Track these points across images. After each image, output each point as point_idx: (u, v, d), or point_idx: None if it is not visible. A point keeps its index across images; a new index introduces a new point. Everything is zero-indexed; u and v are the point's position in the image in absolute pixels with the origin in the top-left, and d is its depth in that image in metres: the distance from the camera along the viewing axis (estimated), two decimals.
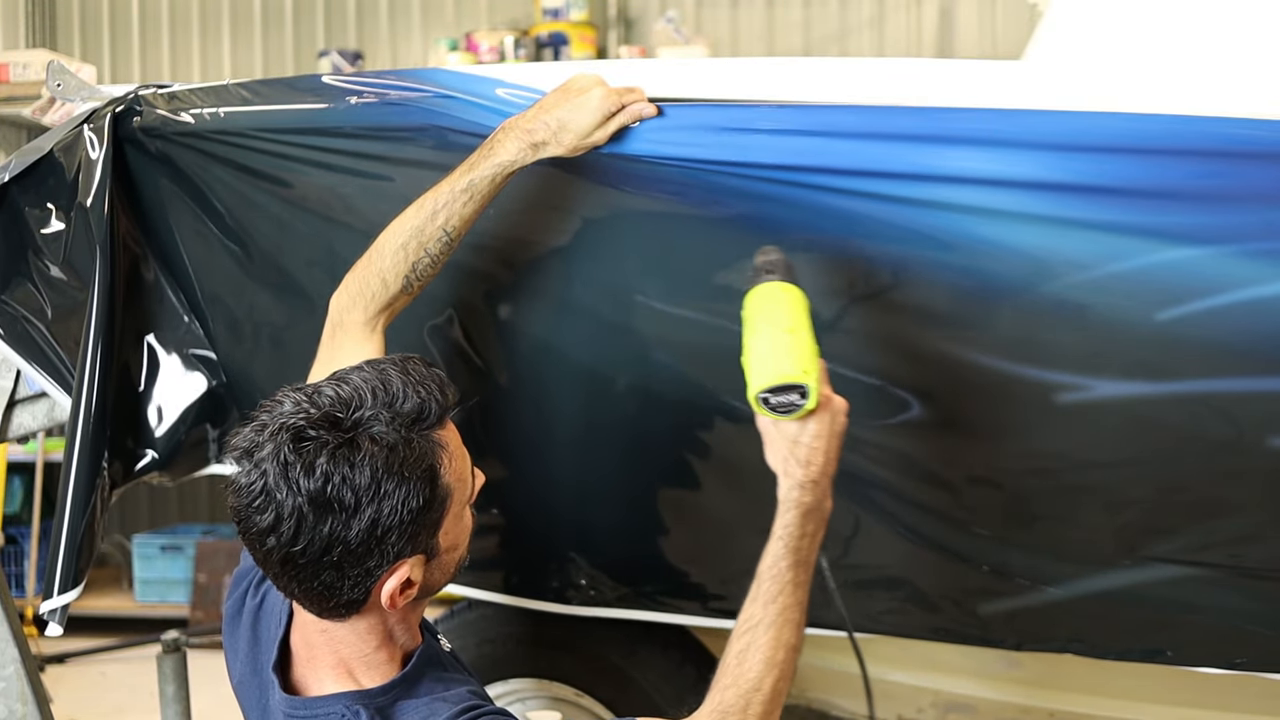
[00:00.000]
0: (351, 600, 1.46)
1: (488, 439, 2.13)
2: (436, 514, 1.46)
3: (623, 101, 1.74)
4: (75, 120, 2.05)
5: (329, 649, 1.53)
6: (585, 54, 5.63)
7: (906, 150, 1.69)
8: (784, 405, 1.56)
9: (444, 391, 1.48)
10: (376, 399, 1.43)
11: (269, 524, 1.41)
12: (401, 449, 1.42)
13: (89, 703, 4.53)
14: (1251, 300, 1.62)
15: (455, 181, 1.75)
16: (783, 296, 1.63)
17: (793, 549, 1.55)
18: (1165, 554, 1.88)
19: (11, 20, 6.17)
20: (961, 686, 2.70)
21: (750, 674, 1.50)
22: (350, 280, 1.81)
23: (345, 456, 1.39)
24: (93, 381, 2.01)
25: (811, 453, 1.56)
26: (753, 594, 1.55)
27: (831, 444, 1.58)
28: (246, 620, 1.68)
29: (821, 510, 1.58)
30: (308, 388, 1.46)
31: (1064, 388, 1.76)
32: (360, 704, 1.48)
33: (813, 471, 1.57)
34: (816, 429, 1.57)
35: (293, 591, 1.48)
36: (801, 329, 1.59)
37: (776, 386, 1.55)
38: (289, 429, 1.41)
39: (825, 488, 1.58)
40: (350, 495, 1.39)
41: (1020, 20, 5.57)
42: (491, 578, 2.29)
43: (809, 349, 1.58)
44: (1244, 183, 1.60)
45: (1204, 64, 2.05)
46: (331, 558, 1.41)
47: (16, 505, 5.58)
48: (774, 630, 1.52)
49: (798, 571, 1.55)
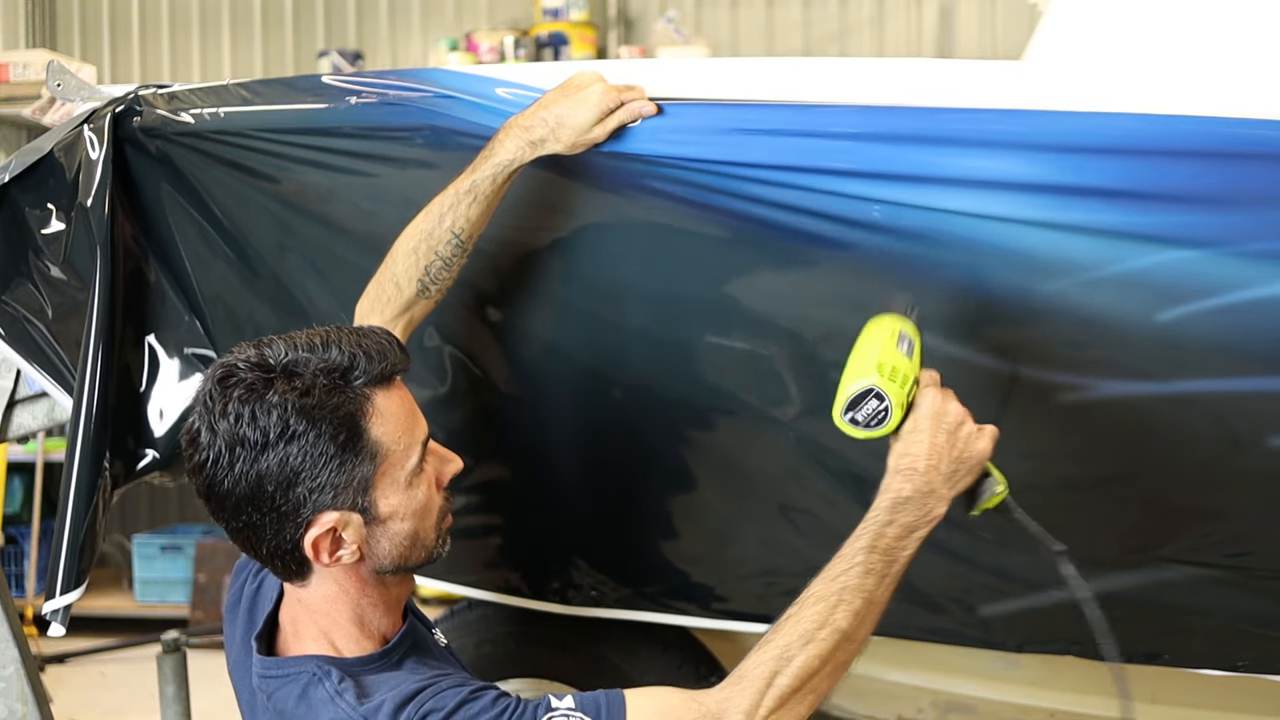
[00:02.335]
0: (280, 549, 1.49)
1: (489, 439, 2.13)
2: (364, 469, 1.47)
3: (622, 99, 1.74)
4: (75, 120, 2.04)
5: (309, 619, 1.55)
6: (585, 54, 5.63)
7: (906, 152, 1.68)
8: (872, 417, 1.53)
9: (385, 355, 1.49)
10: (314, 350, 1.47)
11: (197, 461, 1.47)
12: (317, 393, 1.45)
13: (89, 703, 4.53)
14: (1252, 300, 1.62)
15: (459, 184, 1.76)
16: (865, 329, 1.62)
17: (873, 533, 1.49)
18: (1166, 555, 1.88)
19: (11, 20, 6.17)
20: (961, 686, 2.70)
21: (782, 642, 1.44)
22: (370, 286, 1.84)
23: (259, 395, 1.44)
24: (94, 381, 2.00)
25: (912, 444, 1.52)
26: (823, 571, 1.50)
27: (937, 439, 1.52)
28: (244, 606, 1.70)
29: (922, 507, 1.51)
30: (268, 337, 1.51)
31: (1064, 388, 1.76)
32: (333, 665, 1.49)
33: (913, 461, 1.51)
34: (917, 424, 1.53)
35: (231, 534, 1.52)
36: (876, 346, 1.57)
37: (851, 400, 1.53)
38: (221, 367, 1.48)
39: (929, 482, 1.51)
40: (257, 433, 1.43)
41: (1020, 20, 5.57)
42: (492, 578, 2.29)
43: (881, 359, 1.54)
44: (1244, 183, 1.60)
45: (1204, 64, 2.05)
46: (246, 493, 1.45)
47: (16, 505, 5.58)
48: (823, 607, 1.45)
49: (871, 557, 1.48)
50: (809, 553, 2.09)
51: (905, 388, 1.54)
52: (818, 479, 1.97)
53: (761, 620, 2.21)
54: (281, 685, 1.51)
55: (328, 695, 1.45)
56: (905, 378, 1.55)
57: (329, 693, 1.45)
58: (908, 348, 1.59)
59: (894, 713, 2.78)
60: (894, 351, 1.57)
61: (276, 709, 1.51)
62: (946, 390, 1.57)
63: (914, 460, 1.51)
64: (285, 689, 1.50)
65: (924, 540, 1.51)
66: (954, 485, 1.53)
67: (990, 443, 1.56)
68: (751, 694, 1.43)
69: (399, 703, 1.41)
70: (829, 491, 1.97)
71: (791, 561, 2.10)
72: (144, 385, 2.20)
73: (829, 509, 1.99)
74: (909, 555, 1.51)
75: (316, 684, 1.47)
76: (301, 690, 1.48)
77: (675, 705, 1.45)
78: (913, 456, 1.52)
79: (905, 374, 1.55)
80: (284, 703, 1.50)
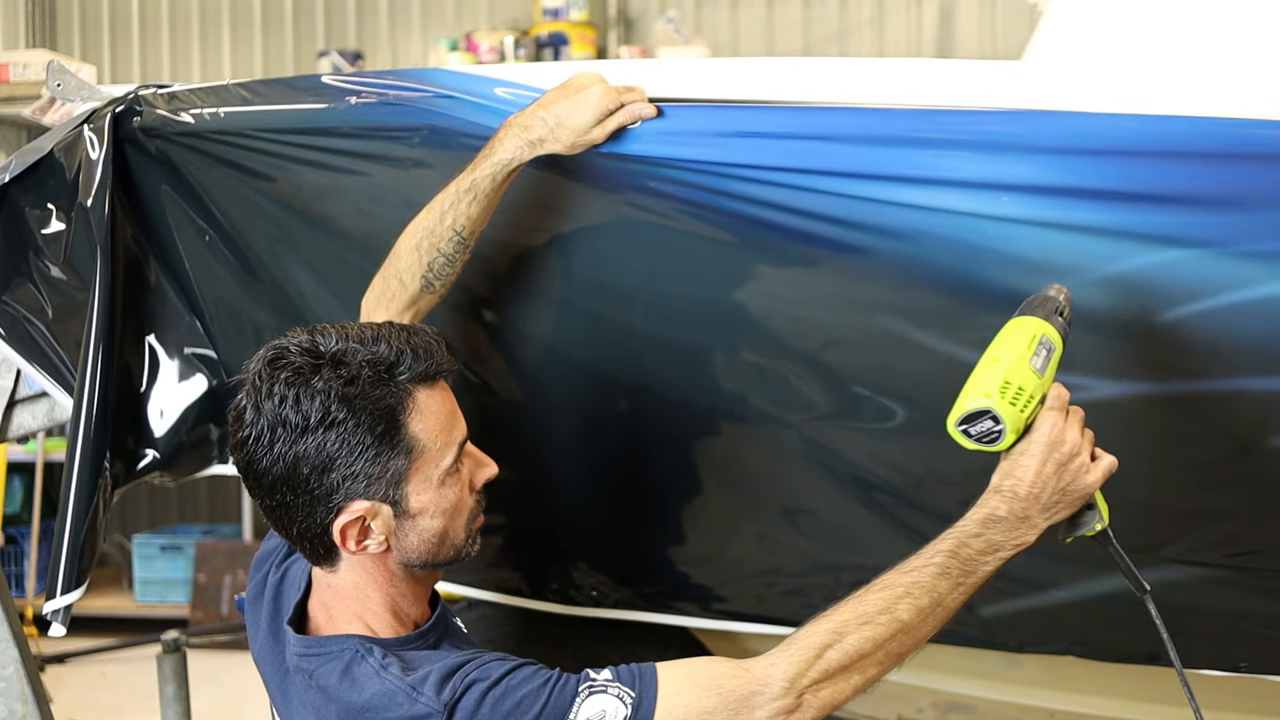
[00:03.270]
0: (311, 531, 1.51)
1: (489, 439, 2.12)
2: (398, 463, 1.50)
3: (622, 100, 1.74)
4: (75, 120, 2.04)
5: (342, 605, 1.57)
6: (585, 54, 5.63)
7: (906, 153, 1.68)
8: (985, 435, 1.50)
9: (431, 354, 1.52)
10: (364, 342, 1.50)
11: (240, 437, 1.51)
12: (361, 384, 1.48)
13: (89, 703, 4.53)
14: (1252, 300, 1.62)
15: (459, 182, 1.77)
16: (1005, 328, 1.57)
17: (958, 540, 1.48)
18: (1167, 555, 1.88)
19: (11, 20, 6.17)
20: (961, 686, 2.70)
21: (838, 618, 1.44)
22: (375, 281, 1.85)
23: (305, 379, 1.47)
24: (94, 381, 2.01)
25: (1019, 469, 1.50)
26: (899, 565, 1.49)
27: (1045, 469, 1.49)
28: (269, 595, 1.71)
29: (1013, 530, 1.49)
30: (322, 325, 1.55)
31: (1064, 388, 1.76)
32: (375, 644, 1.51)
33: (1015, 486, 1.49)
34: (1029, 450, 1.50)
35: (265, 511, 1.55)
36: (1008, 357, 1.51)
37: (966, 415, 1.50)
38: (273, 349, 1.51)
39: (1027, 510, 1.49)
40: (299, 416, 1.46)
41: (1020, 20, 5.57)
42: (492, 577, 2.29)
43: (1008, 376, 1.49)
44: (1244, 183, 1.60)
45: (1204, 64, 2.05)
46: (282, 473, 1.48)
47: (16, 505, 5.58)
48: (889, 594, 1.45)
49: (950, 561, 1.47)
50: (809, 553, 2.09)
51: (1026, 411, 1.49)
52: (819, 480, 1.97)
53: (762, 620, 2.22)
54: (324, 663, 1.51)
55: (373, 669, 1.47)
56: (1030, 399, 1.50)
57: (374, 667, 1.47)
58: (1043, 360, 1.52)
59: (894, 713, 2.78)
60: (1024, 366, 1.50)
61: (319, 685, 1.51)
62: (1073, 412, 1.53)
63: (1016, 485, 1.49)
64: (328, 666, 1.51)
65: (1006, 561, 1.50)
66: (1051, 516, 1.51)
67: (1102, 477, 1.53)
68: (798, 662, 1.43)
69: (445, 674, 1.43)
70: (830, 492, 1.97)
71: (791, 562, 2.10)
72: (144, 385, 2.20)
73: (830, 509, 2.00)
74: (988, 572, 1.50)
75: (360, 660, 1.49)
76: (345, 666, 1.49)
77: (715, 672, 1.45)
78: (1016, 480, 1.49)
79: (1031, 394, 1.50)
80: (327, 679, 1.50)
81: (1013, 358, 1.51)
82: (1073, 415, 1.53)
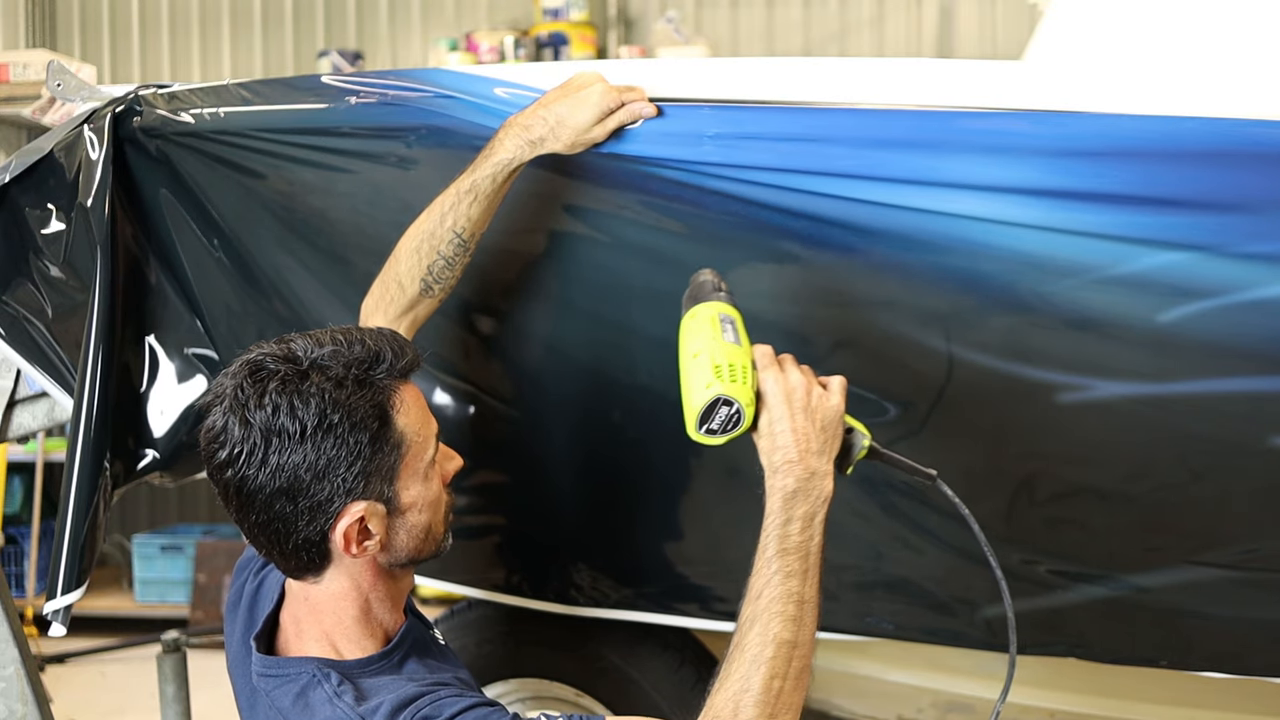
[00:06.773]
0: (310, 541, 1.49)
1: (490, 439, 2.13)
2: (391, 459, 1.50)
3: (623, 99, 1.74)
4: (75, 120, 2.04)
5: (313, 620, 1.56)
6: (585, 54, 5.64)
7: (905, 155, 1.68)
8: (728, 422, 1.50)
9: (404, 349, 1.53)
10: (338, 345, 1.50)
11: (226, 457, 1.47)
12: (350, 385, 1.48)
13: (89, 703, 4.53)
14: (1252, 301, 1.62)
15: (460, 183, 1.77)
16: (685, 326, 1.58)
17: (776, 536, 1.47)
18: (1168, 557, 1.87)
19: (11, 20, 6.17)
20: (961, 686, 2.70)
21: (736, 674, 1.42)
22: (375, 285, 1.85)
23: (294, 387, 1.46)
24: (94, 382, 2.00)
25: (778, 437, 1.50)
26: (745, 592, 1.49)
27: (798, 421, 1.50)
28: (244, 604, 1.71)
29: (810, 492, 1.49)
30: (286, 335, 1.54)
31: (1065, 388, 1.76)
32: (333, 668, 1.50)
33: (785, 454, 1.49)
34: (773, 415, 1.51)
35: (254, 531, 1.51)
36: (705, 347, 1.53)
37: (702, 414, 1.50)
38: (249, 363, 1.49)
39: (809, 466, 1.49)
40: (296, 424, 1.45)
41: (1020, 20, 5.58)
42: (492, 577, 2.29)
43: (715, 361, 1.51)
44: (1244, 184, 1.60)
45: (1205, 64, 2.05)
46: (282, 484, 1.46)
47: (16, 505, 5.58)
48: (760, 625, 1.44)
49: (785, 560, 1.46)
50: None
51: (748, 381, 1.51)
52: None
53: None
54: (281, 685, 1.52)
55: (326, 696, 1.47)
56: (744, 369, 1.51)
57: (328, 694, 1.47)
58: (734, 333, 1.55)
59: (894, 713, 2.78)
60: (722, 345, 1.53)
61: (276, 706, 1.52)
62: (783, 359, 1.55)
63: (786, 451, 1.49)
64: (284, 688, 1.51)
65: (828, 520, 1.50)
66: (828, 455, 1.52)
67: (841, 396, 1.54)
68: None
69: (397, 706, 1.42)
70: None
71: None
72: (144, 385, 2.20)
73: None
74: (819, 542, 1.50)
75: (315, 685, 1.48)
76: (300, 690, 1.49)
77: None
78: (782, 448, 1.50)
79: (743, 365, 1.52)
80: (282, 700, 1.51)
81: (709, 344, 1.53)
82: (785, 361, 1.55)
